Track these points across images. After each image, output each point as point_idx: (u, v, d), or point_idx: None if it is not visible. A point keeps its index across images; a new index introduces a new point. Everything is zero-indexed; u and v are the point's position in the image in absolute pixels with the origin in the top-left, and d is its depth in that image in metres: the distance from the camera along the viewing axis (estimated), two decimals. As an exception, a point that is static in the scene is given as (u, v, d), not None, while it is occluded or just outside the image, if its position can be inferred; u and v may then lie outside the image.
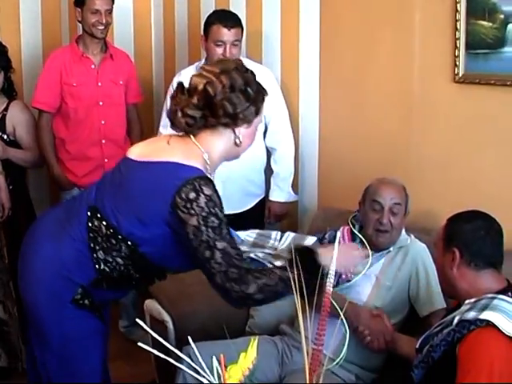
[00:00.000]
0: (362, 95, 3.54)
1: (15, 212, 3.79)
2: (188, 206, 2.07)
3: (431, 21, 3.21)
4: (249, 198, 3.62)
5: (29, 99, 4.17)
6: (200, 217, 2.07)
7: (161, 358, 3.19)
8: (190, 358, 2.79)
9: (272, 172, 3.71)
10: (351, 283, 2.90)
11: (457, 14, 3.03)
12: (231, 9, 3.93)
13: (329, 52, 3.67)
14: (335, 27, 3.62)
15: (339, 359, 2.17)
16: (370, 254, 2.87)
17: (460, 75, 3.10)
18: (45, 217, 2.57)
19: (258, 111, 2.26)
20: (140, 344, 1.62)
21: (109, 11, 3.87)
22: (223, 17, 3.56)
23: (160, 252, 2.25)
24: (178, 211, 2.09)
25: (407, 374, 2.42)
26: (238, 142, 2.23)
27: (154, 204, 2.15)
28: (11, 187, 3.83)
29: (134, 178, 2.24)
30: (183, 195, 2.08)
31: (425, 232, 3.09)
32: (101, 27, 3.85)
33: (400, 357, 2.70)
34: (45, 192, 4.63)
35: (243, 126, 2.22)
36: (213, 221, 2.09)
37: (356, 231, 3.00)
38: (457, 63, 3.09)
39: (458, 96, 3.14)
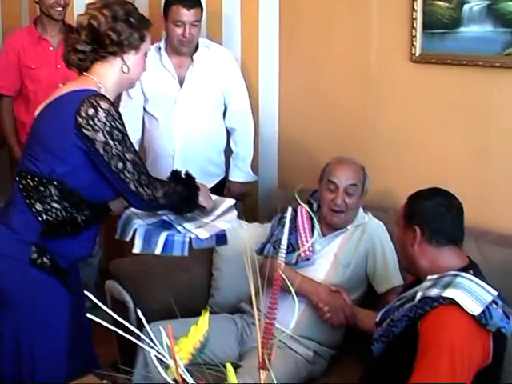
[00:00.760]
0: (321, 75, 3.55)
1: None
2: (91, 123, 2.21)
3: (389, 1, 3.23)
4: (209, 178, 3.62)
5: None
6: (105, 131, 2.23)
7: (122, 340, 3.22)
8: (150, 338, 2.84)
9: (232, 152, 3.71)
10: (310, 262, 2.93)
11: (414, -5, 3.06)
12: (191, -11, 3.91)
13: (288, 32, 3.67)
14: (294, 7, 3.62)
15: (288, 330, 2.19)
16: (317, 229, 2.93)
17: (417, 55, 3.13)
18: None
19: (143, 38, 2.39)
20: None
21: None
22: (183, -3, 3.55)
23: (86, 183, 2.34)
24: (84, 130, 2.22)
25: (366, 350, 2.46)
26: (127, 70, 2.37)
27: (62, 134, 2.27)
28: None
29: (40, 123, 2.38)
30: (83, 114, 2.21)
31: (382, 210, 3.12)
32: (59, 8, 3.81)
33: (360, 331, 2.72)
34: (5, 175, 4.59)
35: (131, 53, 2.37)
36: (117, 134, 2.26)
37: (309, 209, 2.99)
38: (414, 43, 3.12)
39: (415, 75, 3.17)
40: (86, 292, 1.67)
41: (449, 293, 2.04)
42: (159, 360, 2.19)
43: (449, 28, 3.01)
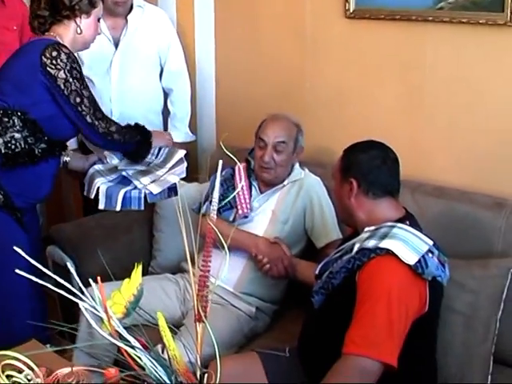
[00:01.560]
0: (257, 33, 3.54)
1: None
2: (54, 63, 2.52)
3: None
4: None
5: None
6: (66, 70, 2.54)
7: (66, 307, 3.22)
8: (94, 301, 2.83)
9: (169, 113, 3.69)
10: (248, 219, 2.95)
11: (347, -50, 3.06)
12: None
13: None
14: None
15: (219, 279, 2.20)
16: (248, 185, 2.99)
17: (351, 11, 3.13)
18: None
19: (94, 4, 2.69)
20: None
21: None
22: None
23: (46, 114, 2.59)
24: (48, 68, 2.52)
25: (307, 303, 2.49)
26: (80, 31, 2.68)
27: (28, 71, 2.56)
28: None
29: (6, 65, 2.68)
30: (47, 55, 2.52)
31: (320, 166, 3.15)
32: None
33: (300, 282, 2.75)
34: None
35: (83, 17, 2.67)
36: (75, 73, 2.57)
37: (239, 168, 3.03)
38: (347, -1, 3.13)
39: (350, 31, 3.18)
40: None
41: (385, 243, 2.06)
42: (98, 318, 2.20)
43: (382, -17, 3.01)
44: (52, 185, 2.77)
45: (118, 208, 2.71)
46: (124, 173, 2.81)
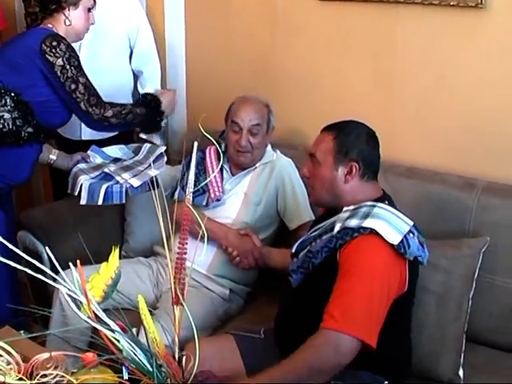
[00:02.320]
0: (228, 14, 3.51)
1: None
2: (53, 51, 2.60)
3: None
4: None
5: None
6: (64, 58, 2.62)
7: (38, 294, 3.19)
8: (73, 285, 2.82)
9: (139, 95, 3.64)
10: (220, 202, 2.94)
11: None
12: None
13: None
14: None
15: (196, 263, 2.20)
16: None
17: (323, -9, 3.12)
18: None
19: None
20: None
21: None
22: None
23: (39, 98, 2.66)
24: (46, 55, 2.60)
25: (279, 286, 2.49)
26: (69, 23, 2.75)
27: (27, 55, 2.63)
28: None
29: (5, 46, 2.76)
30: (47, 43, 2.60)
31: (292, 147, 3.15)
32: None
33: (273, 269, 2.75)
34: None
35: (71, 9, 2.75)
36: (74, 61, 2.65)
37: (218, 149, 2.99)
38: (318, -21, 3.11)
39: (321, 12, 3.16)
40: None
41: (369, 223, 2.07)
42: (73, 301, 2.17)
43: (352, -37, 3.01)
44: (31, 170, 2.83)
45: (100, 202, 2.77)
46: (106, 169, 2.89)
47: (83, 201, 2.78)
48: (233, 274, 2.88)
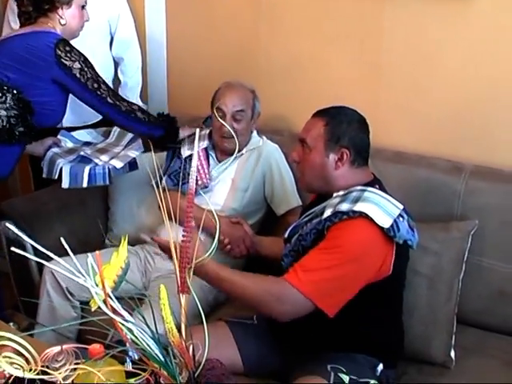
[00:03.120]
0: (210, 0, 3.49)
1: None
2: (68, 55, 2.62)
3: None
4: (96, 111, 3.55)
5: None
6: (80, 61, 2.64)
7: (21, 284, 3.16)
8: (53, 275, 2.80)
9: (120, 83, 3.62)
10: (208, 189, 2.93)
11: None
12: None
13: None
14: None
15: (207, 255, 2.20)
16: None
17: (306, -24, 3.11)
18: None
19: None
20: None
21: None
22: None
23: (45, 100, 2.66)
24: (62, 60, 2.61)
25: (267, 271, 2.49)
26: (64, 22, 2.74)
27: (39, 56, 2.61)
28: None
29: (11, 43, 2.69)
30: (61, 48, 2.61)
31: (277, 133, 3.15)
32: None
33: (264, 258, 2.73)
34: None
35: (64, 8, 2.74)
36: (89, 63, 2.68)
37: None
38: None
39: (305, -1, 3.16)
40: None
41: (359, 207, 2.08)
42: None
43: None
44: (13, 167, 2.81)
45: (85, 185, 2.79)
46: (82, 152, 2.90)
47: (65, 185, 2.79)
48: (222, 262, 2.86)
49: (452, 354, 2.46)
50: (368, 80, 3.04)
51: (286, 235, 2.37)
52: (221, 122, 2.85)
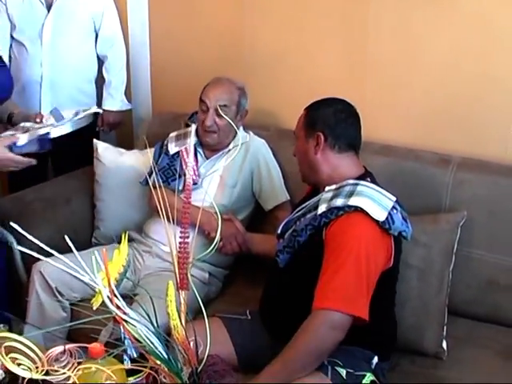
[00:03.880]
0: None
1: None
2: None
3: None
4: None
5: None
6: None
7: (11, 284, 3.13)
8: (42, 275, 2.78)
9: (104, 81, 3.60)
10: (197, 186, 2.92)
11: None
12: None
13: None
14: None
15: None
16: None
17: (289, -34, 3.10)
18: None
19: None
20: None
21: None
22: None
23: None
24: None
25: (256, 268, 2.50)
26: None
27: None
28: None
29: None
30: None
31: (264, 128, 3.15)
32: None
33: (256, 255, 2.75)
34: None
35: None
36: None
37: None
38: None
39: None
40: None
41: (354, 201, 2.09)
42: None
43: None
44: None
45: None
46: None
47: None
48: (212, 258, 2.82)
49: (444, 345, 2.48)
50: (354, 73, 3.06)
51: (279, 231, 2.37)
52: (204, 116, 2.86)
